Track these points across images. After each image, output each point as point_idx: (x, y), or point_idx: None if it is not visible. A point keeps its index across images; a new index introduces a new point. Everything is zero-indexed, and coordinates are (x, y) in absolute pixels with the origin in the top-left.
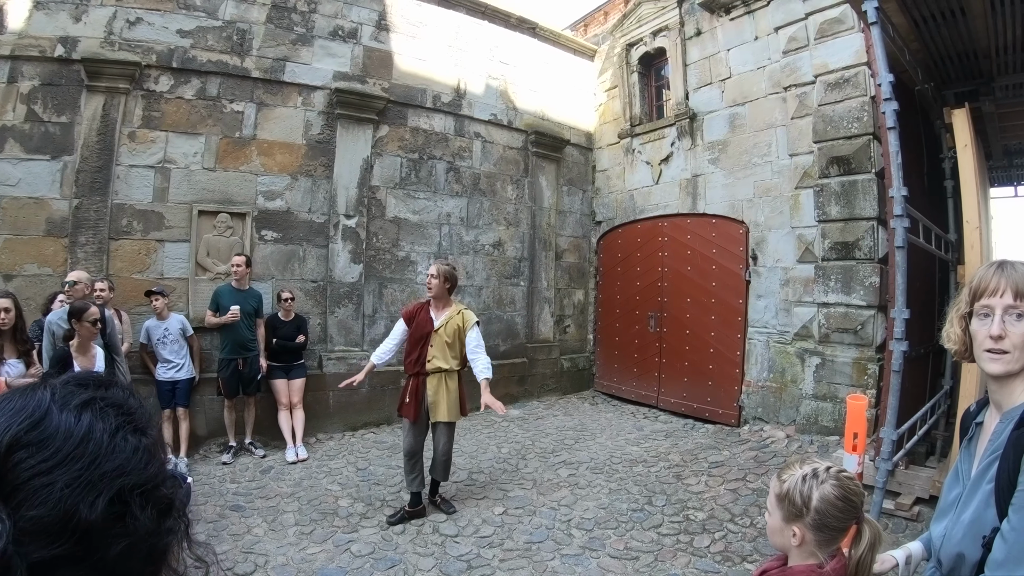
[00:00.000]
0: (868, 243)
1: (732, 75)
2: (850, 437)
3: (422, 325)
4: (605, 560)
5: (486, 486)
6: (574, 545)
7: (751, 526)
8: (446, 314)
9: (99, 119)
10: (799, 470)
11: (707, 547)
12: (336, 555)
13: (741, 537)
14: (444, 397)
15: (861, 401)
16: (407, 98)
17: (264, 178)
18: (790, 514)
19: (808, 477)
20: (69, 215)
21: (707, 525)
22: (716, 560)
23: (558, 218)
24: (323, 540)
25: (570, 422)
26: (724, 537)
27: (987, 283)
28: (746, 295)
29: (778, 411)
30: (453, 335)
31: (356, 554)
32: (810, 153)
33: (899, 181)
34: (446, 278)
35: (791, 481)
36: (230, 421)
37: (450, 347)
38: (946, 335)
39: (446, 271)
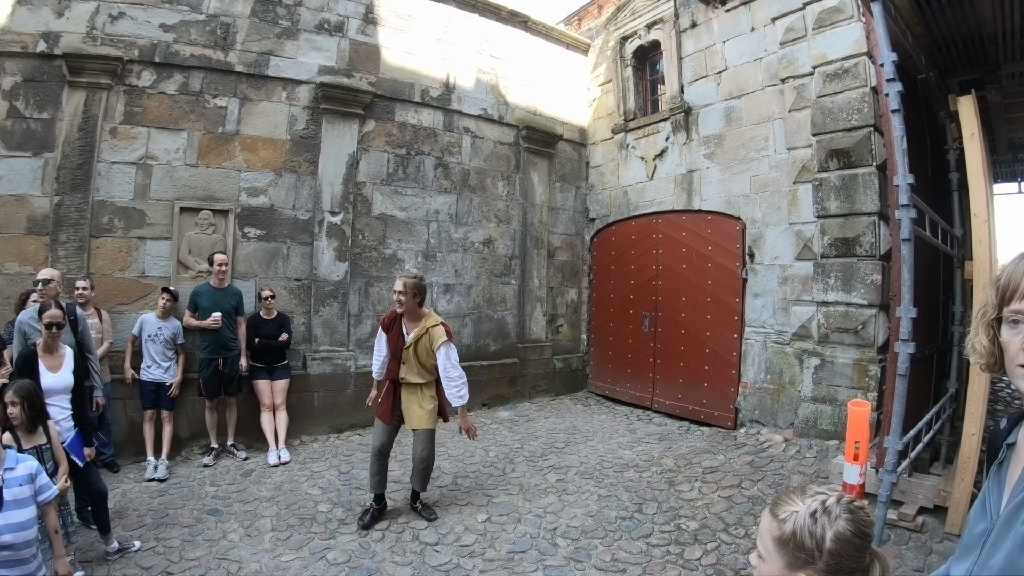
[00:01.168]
0: (869, 239)
1: (728, 68)
2: (851, 446)
3: (394, 340)
4: (590, 572)
5: (470, 491)
6: (559, 556)
7: (745, 536)
8: (416, 329)
9: (80, 115)
10: (802, 505)
11: (698, 559)
12: (311, 563)
13: (735, 549)
14: (419, 405)
15: (863, 407)
16: (395, 92)
17: (247, 174)
18: (797, 560)
19: (818, 514)
20: (50, 213)
21: (699, 535)
22: (708, 574)
23: (550, 215)
24: (299, 547)
25: (561, 424)
26: (717, 548)
27: (1018, 283)
28: (743, 294)
29: (775, 414)
30: (424, 353)
31: (332, 562)
32: (809, 147)
33: (904, 168)
34: (415, 292)
35: (796, 521)
36: (211, 422)
37: (423, 364)
38: (971, 345)
39: (413, 284)
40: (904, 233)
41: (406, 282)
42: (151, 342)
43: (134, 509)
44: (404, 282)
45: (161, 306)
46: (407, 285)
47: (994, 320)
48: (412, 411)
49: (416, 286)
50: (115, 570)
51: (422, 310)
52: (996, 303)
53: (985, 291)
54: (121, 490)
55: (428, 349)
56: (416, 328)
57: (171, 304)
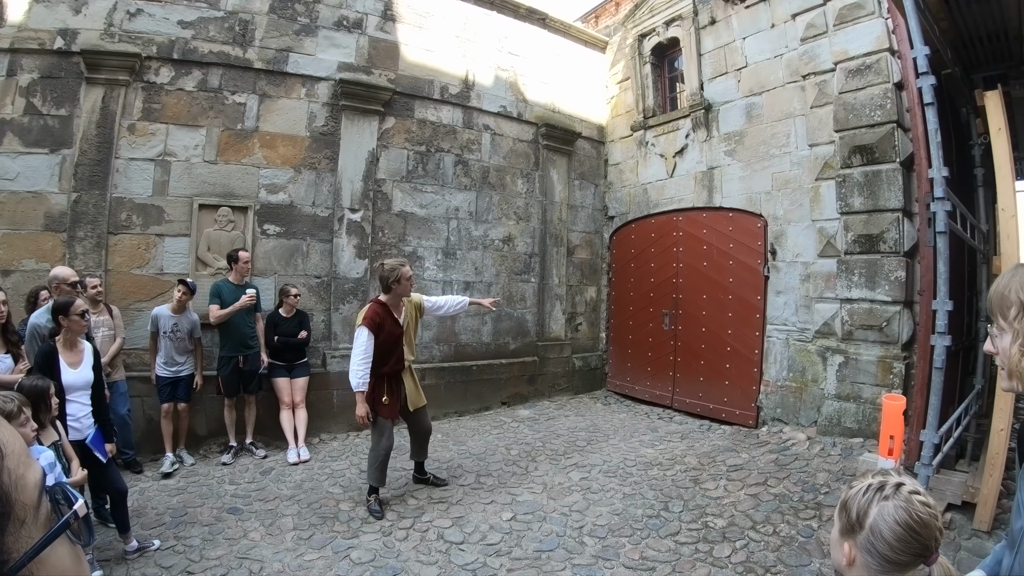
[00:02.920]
0: (893, 236)
1: (748, 64)
2: (885, 440)
3: (392, 331)
4: (619, 571)
5: (494, 490)
6: (586, 554)
7: (774, 534)
8: (404, 310)
9: (98, 112)
10: (868, 479)
11: (727, 557)
12: (335, 562)
13: (764, 547)
14: (415, 385)
15: (898, 401)
16: (414, 89)
17: (266, 171)
18: (845, 526)
19: (872, 489)
20: (67, 209)
21: (727, 533)
22: (737, 571)
23: (569, 213)
24: (322, 546)
25: (582, 423)
26: (746, 546)
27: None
28: (764, 291)
29: (798, 412)
30: (413, 324)
31: (356, 561)
32: (831, 143)
33: (939, 160)
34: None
35: (855, 489)
36: (230, 421)
37: (414, 336)
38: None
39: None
40: (939, 226)
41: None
42: (168, 338)
43: (152, 507)
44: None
45: (176, 299)
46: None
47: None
48: (414, 393)
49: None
50: (134, 569)
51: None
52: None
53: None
54: (139, 488)
55: (415, 317)
56: (403, 310)
57: (187, 297)
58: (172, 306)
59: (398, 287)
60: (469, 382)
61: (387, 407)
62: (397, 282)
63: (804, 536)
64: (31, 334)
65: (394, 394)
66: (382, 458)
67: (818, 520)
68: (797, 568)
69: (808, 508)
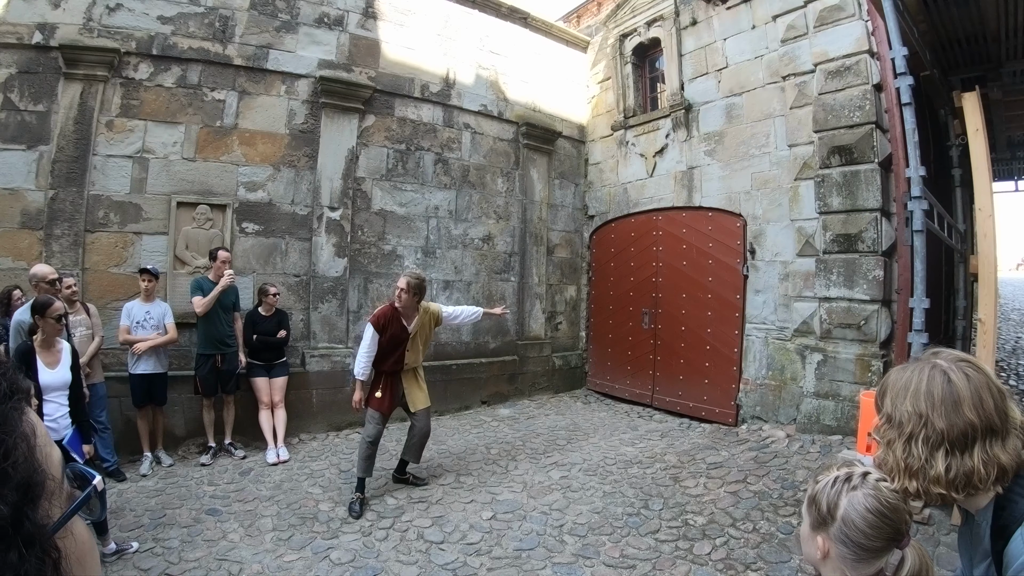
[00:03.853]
0: (871, 235)
1: (728, 65)
2: (864, 437)
3: (396, 335)
4: (600, 569)
5: (474, 489)
6: (567, 553)
7: (754, 531)
8: (416, 318)
9: (76, 108)
10: (834, 472)
11: (708, 554)
12: (314, 563)
13: (744, 543)
14: (419, 388)
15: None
16: (394, 87)
17: (245, 168)
18: (816, 520)
19: (839, 480)
20: (44, 207)
21: (707, 530)
22: (718, 568)
23: (550, 212)
24: (301, 547)
25: (562, 421)
26: (726, 543)
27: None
28: (744, 290)
29: (777, 410)
30: (426, 331)
31: (335, 562)
32: (810, 143)
33: (916, 160)
34: (416, 291)
35: (822, 483)
36: (209, 421)
37: (423, 343)
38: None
39: (416, 284)
40: (917, 224)
41: (410, 281)
42: (142, 329)
43: (131, 509)
44: (408, 281)
45: (144, 288)
46: (410, 284)
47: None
48: (415, 394)
49: (419, 287)
50: (113, 572)
51: (418, 305)
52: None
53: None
54: (117, 490)
55: (429, 326)
56: (416, 317)
57: (153, 283)
58: (141, 297)
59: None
60: (449, 381)
61: (377, 400)
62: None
63: (784, 533)
64: (15, 330)
65: (388, 390)
66: (367, 447)
67: (797, 517)
68: (777, 564)
69: (788, 505)
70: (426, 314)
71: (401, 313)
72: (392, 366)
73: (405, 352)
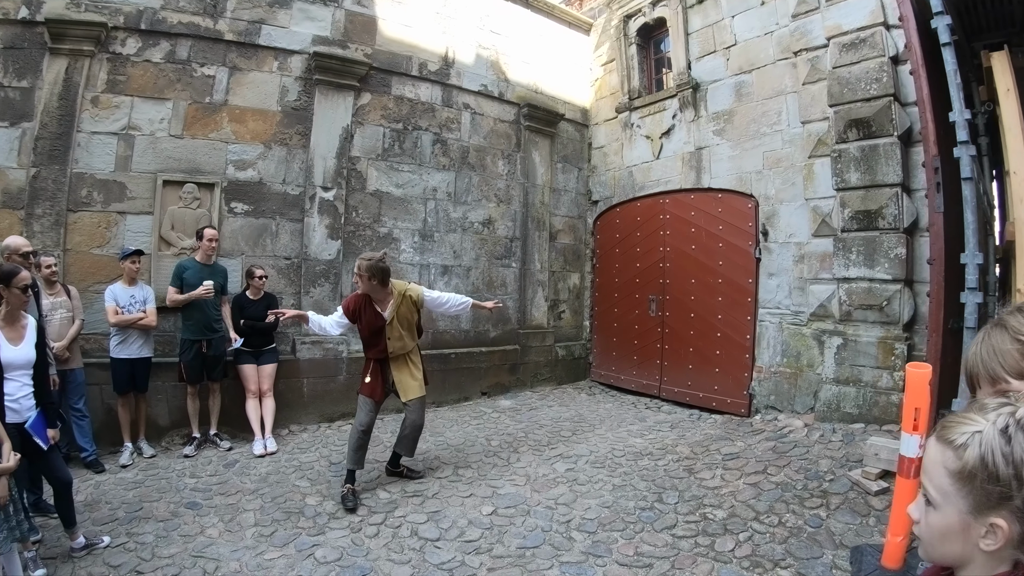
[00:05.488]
0: (892, 211)
1: (737, 42)
2: (909, 413)
3: (372, 322)
4: (613, 568)
5: (473, 482)
6: (575, 551)
7: (780, 525)
8: (391, 303)
9: (61, 83)
10: (984, 421)
11: (731, 551)
12: (297, 561)
13: (770, 538)
14: (411, 376)
15: (923, 369)
16: (391, 65)
17: (235, 146)
18: (988, 498)
19: (1012, 429)
20: (26, 185)
21: (728, 525)
22: (744, 566)
23: (552, 196)
24: (284, 543)
25: (566, 413)
26: (750, 539)
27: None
28: (756, 274)
29: (793, 399)
30: (408, 316)
31: (320, 560)
32: (824, 120)
33: (960, 103)
34: (371, 275)
35: (983, 443)
36: (193, 410)
37: (407, 328)
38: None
39: (369, 266)
40: (965, 172)
41: (360, 264)
42: (126, 313)
43: (107, 502)
44: (359, 264)
45: (130, 270)
46: (361, 268)
47: None
48: (406, 383)
49: (372, 269)
50: (80, 568)
51: (386, 289)
52: None
53: None
54: (94, 481)
55: (410, 312)
56: (391, 302)
57: (138, 266)
58: (124, 281)
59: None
60: (447, 371)
61: (367, 385)
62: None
63: (812, 526)
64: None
65: (378, 376)
66: (358, 436)
67: (826, 508)
68: (809, 560)
69: (814, 496)
70: (403, 298)
71: (373, 299)
72: (378, 353)
73: (387, 340)
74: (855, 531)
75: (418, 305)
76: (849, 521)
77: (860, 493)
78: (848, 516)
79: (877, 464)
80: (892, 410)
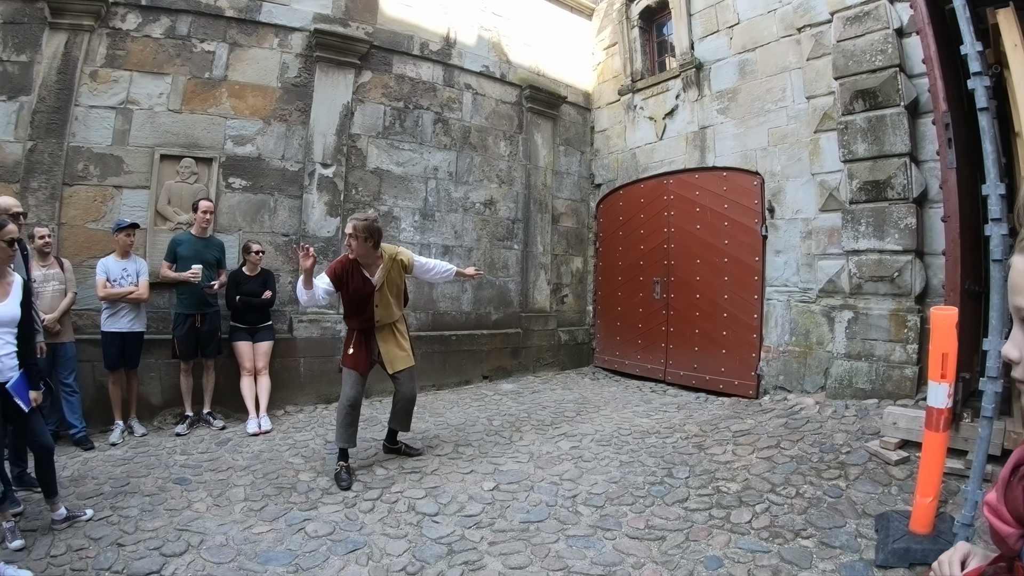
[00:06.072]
0: (901, 181)
1: (740, 21)
2: (936, 360)
3: (359, 288)
4: (623, 542)
5: (474, 459)
6: (582, 525)
7: (798, 496)
8: (381, 267)
9: (60, 58)
10: None
11: (748, 522)
12: (287, 535)
13: (788, 509)
14: (397, 346)
15: (950, 312)
16: (392, 44)
17: (234, 122)
18: None
19: None
20: (22, 159)
21: (744, 497)
22: (763, 537)
23: (554, 179)
24: (274, 518)
25: (570, 395)
26: (767, 510)
27: None
28: (763, 252)
29: (803, 378)
30: (397, 282)
31: (312, 534)
32: (829, 94)
33: (971, 35)
34: (367, 235)
35: None
36: (187, 388)
37: (395, 296)
38: None
39: (365, 226)
40: (981, 102)
41: (356, 225)
42: (118, 286)
43: (93, 477)
44: (355, 225)
45: (125, 243)
46: (357, 228)
47: None
48: (393, 353)
49: (368, 229)
50: (60, 540)
51: (377, 252)
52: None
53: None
54: (82, 458)
55: (400, 276)
56: (380, 267)
57: (132, 239)
58: (117, 253)
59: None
60: (448, 353)
61: (351, 357)
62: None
63: (832, 496)
64: None
65: (361, 347)
66: (346, 411)
67: (844, 479)
68: (831, 530)
69: (831, 468)
70: (392, 262)
71: (361, 264)
72: (363, 323)
73: (374, 308)
74: (877, 500)
75: (408, 269)
76: (870, 491)
77: (879, 464)
78: (868, 486)
79: (896, 434)
80: (906, 384)
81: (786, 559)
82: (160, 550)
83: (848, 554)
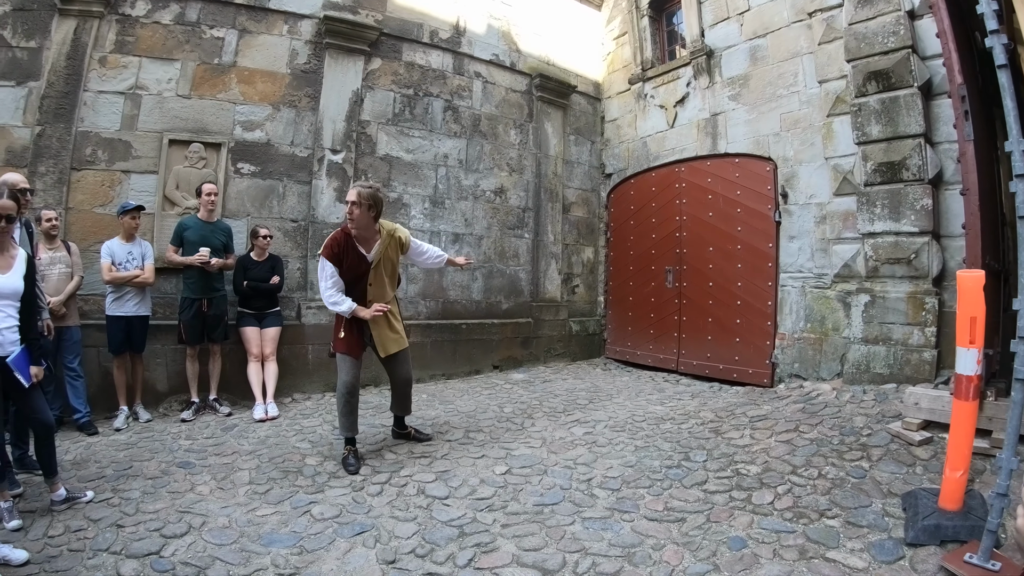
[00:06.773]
0: (916, 162)
1: (751, 8)
2: (964, 325)
3: (355, 266)
4: (641, 524)
5: (485, 444)
6: (598, 507)
7: (820, 477)
8: (377, 244)
9: (69, 44)
10: None
11: (771, 503)
12: (292, 518)
13: (811, 490)
14: (390, 328)
15: (976, 274)
16: (402, 31)
17: (243, 107)
18: None
19: None
20: (30, 143)
21: (764, 479)
22: (787, 517)
23: (565, 168)
24: (279, 501)
25: (581, 384)
26: (790, 491)
27: None
28: (776, 238)
29: (818, 365)
30: (393, 260)
31: (317, 517)
32: (842, 78)
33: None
34: (370, 204)
35: None
36: (193, 373)
37: (390, 275)
38: None
39: (370, 194)
40: (999, 59)
41: (361, 191)
42: (123, 270)
43: (95, 461)
44: (359, 191)
45: (130, 226)
46: (362, 195)
47: None
48: (385, 335)
49: (373, 197)
50: (58, 521)
51: (375, 226)
52: None
53: None
54: (85, 443)
55: (396, 254)
56: (377, 243)
57: (137, 222)
58: (121, 236)
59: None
60: (458, 342)
61: (341, 341)
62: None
63: (856, 477)
64: None
65: (352, 330)
66: (345, 399)
67: (867, 460)
68: (857, 509)
69: (853, 450)
70: (390, 238)
71: (356, 238)
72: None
73: (367, 287)
74: (903, 480)
75: (404, 248)
76: (895, 471)
77: (902, 444)
78: (892, 466)
79: (918, 415)
80: (925, 368)
81: (812, 539)
82: (160, 531)
83: (876, 533)
